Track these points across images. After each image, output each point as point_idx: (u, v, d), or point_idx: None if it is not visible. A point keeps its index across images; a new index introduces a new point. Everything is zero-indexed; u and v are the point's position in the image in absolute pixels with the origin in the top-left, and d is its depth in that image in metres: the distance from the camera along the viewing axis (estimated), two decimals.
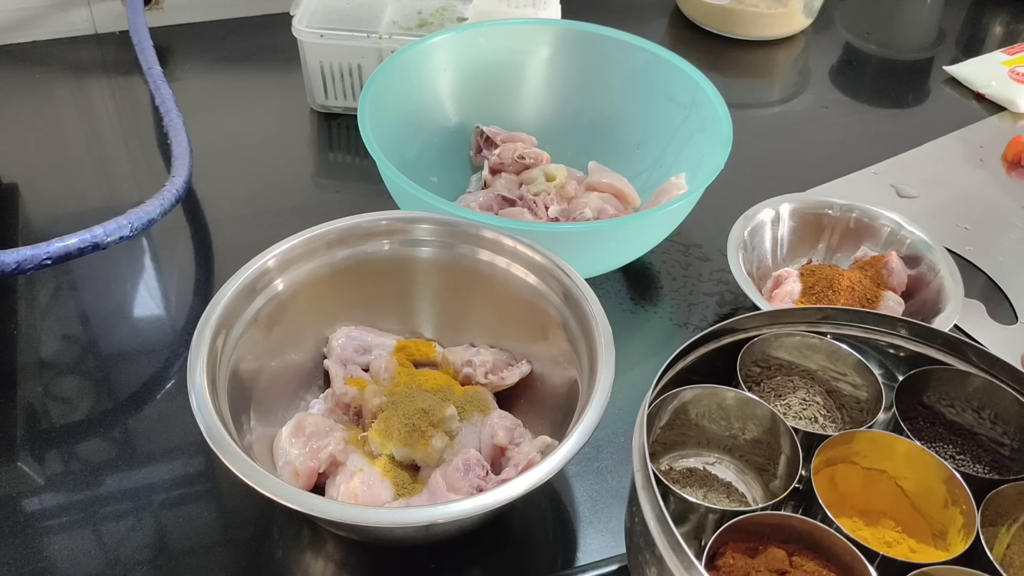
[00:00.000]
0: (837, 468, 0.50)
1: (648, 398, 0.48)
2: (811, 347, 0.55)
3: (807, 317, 0.55)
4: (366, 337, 0.61)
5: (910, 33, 1.16)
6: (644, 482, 0.44)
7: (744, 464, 0.55)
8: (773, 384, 0.56)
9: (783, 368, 0.56)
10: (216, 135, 0.87)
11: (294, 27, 0.84)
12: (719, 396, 0.52)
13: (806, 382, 0.56)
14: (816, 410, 0.55)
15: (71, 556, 0.53)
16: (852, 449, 0.50)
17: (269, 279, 0.57)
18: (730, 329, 0.54)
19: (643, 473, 0.45)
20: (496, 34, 0.79)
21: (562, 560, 0.55)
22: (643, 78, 0.78)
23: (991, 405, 0.52)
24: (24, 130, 0.88)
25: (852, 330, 0.55)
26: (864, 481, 0.50)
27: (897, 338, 0.54)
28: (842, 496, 0.50)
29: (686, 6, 1.09)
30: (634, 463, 0.46)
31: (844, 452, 0.50)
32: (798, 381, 0.56)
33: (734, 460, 0.55)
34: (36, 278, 0.71)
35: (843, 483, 0.50)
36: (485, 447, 0.56)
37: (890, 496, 0.50)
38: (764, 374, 0.56)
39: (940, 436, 0.54)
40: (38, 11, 0.97)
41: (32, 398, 0.62)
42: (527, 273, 0.59)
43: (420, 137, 0.77)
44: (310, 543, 0.55)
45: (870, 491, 0.50)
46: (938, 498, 0.48)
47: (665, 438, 0.54)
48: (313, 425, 0.55)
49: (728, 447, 0.55)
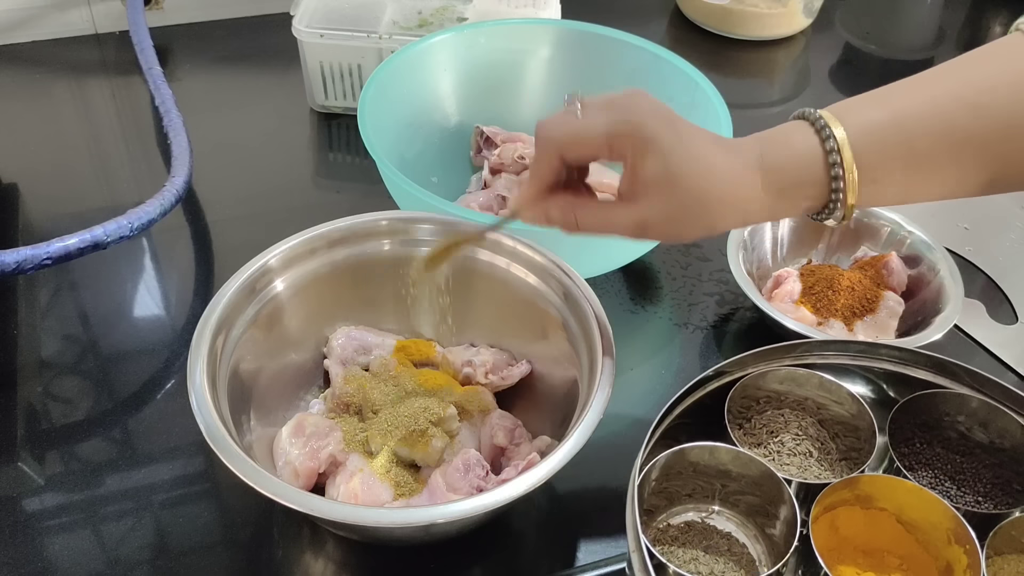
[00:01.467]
0: (838, 512, 0.50)
1: (639, 461, 0.47)
2: (798, 381, 0.54)
3: (791, 352, 0.55)
4: (366, 337, 0.61)
5: (910, 33, 1.16)
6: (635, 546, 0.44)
7: (742, 515, 0.53)
8: (764, 419, 0.55)
9: (772, 401, 0.55)
10: (216, 135, 0.87)
11: (294, 27, 0.84)
12: (712, 452, 0.51)
13: (797, 415, 0.55)
14: (810, 444, 0.54)
15: (71, 556, 0.53)
16: (852, 493, 0.49)
17: (269, 279, 0.57)
18: (717, 374, 0.53)
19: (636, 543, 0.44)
20: (496, 34, 0.79)
21: (562, 560, 0.55)
22: (643, 78, 0.77)
23: (989, 425, 0.51)
24: (24, 130, 0.88)
25: (840, 358, 0.55)
26: (866, 521, 0.50)
27: (885, 362, 0.54)
28: (844, 539, 0.49)
29: (686, 6, 1.09)
30: (629, 543, 0.45)
31: (844, 496, 0.49)
32: (789, 415, 0.55)
33: (732, 511, 0.53)
34: (36, 278, 0.71)
35: (845, 526, 0.50)
36: (485, 447, 0.56)
37: (893, 534, 0.49)
38: (755, 408, 0.56)
39: (938, 457, 0.53)
40: (38, 11, 0.97)
41: (32, 398, 0.62)
42: (527, 273, 0.59)
43: (420, 137, 0.77)
44: (310, 543, 0.55)
45: (872, 531, 0.50)
46: (941, 535, 0.47)
47: (661, 491, 0.53)
48: (313, 425, 0.55)
49: (725, 498, 0.53)
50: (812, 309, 0.66)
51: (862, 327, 0.65)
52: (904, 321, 0.66)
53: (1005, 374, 0.67)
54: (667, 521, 0.53)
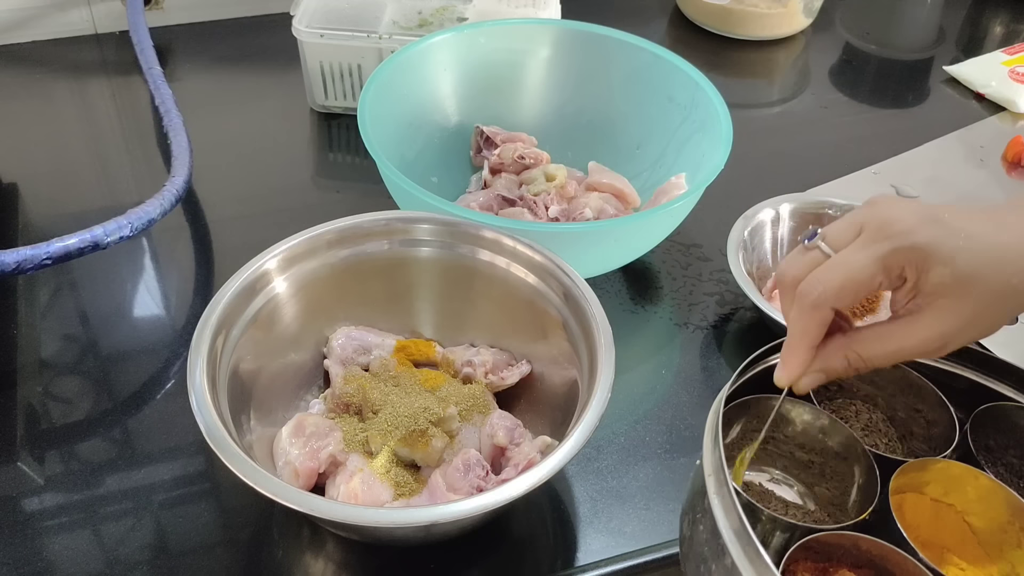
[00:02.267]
0: (905, 497, 0.48)
1: (724, 394, 0.46)
2: (883, 376, 0.52)
3: None
4: (366, 337, 0.61)
5: (910, 33, 1.16)
6: (718, 487, 0.42)
7: (805, 485, 0.52)
8: (835, 406, 0.54)
9: (844, 391, 0.54)
10: (216, 135, 0.87)
11: (294, 27, 0.84)
12: (792, 410, 0.49)
13: (868, 407, 0.54)
14: (878, 438, 0.53)
15: (71, 556, 0.53)
16: (924, 479, 0.47)
17: (269, 279, 0.57)
18: None
19: (717, 478, 0.42)
20: (496, 34, 0.79)
21: (562, 560, 0.55)
22: (643, 78, 0.78)
23: None
24: (24, 130, 0.88)
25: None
26: (932, 514, 0.48)
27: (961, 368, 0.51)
28: (908, 527, 0.47)
29: (686, 6, 1.09)
30: (705, 467, 0.43)
31: (915, 481, 0.47)
32: (860, 406, 0.54)
33: (795, 480, 0.52)
34: (36, 278, 0.71)
35: (911, 513, 0.48)
36: (485, 447, 0.56)
37: (957, 532, 0.48)
38: (824, 395, 0.54)
39: (1002, 478, 0.50)
40: (38, 11, 0.97)
41: (32, 398, 0.62)
42: (527, 273, 0.59)
43: (420, 137, 0.77)
44: (310, 543, 0.55)
45: (937, 525, 0.48)
46: (1010, 537, 0.45)
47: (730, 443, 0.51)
48: (313, 425, 0.55)
49: (789, 465, 0.52)
50: None
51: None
52: None
53: None
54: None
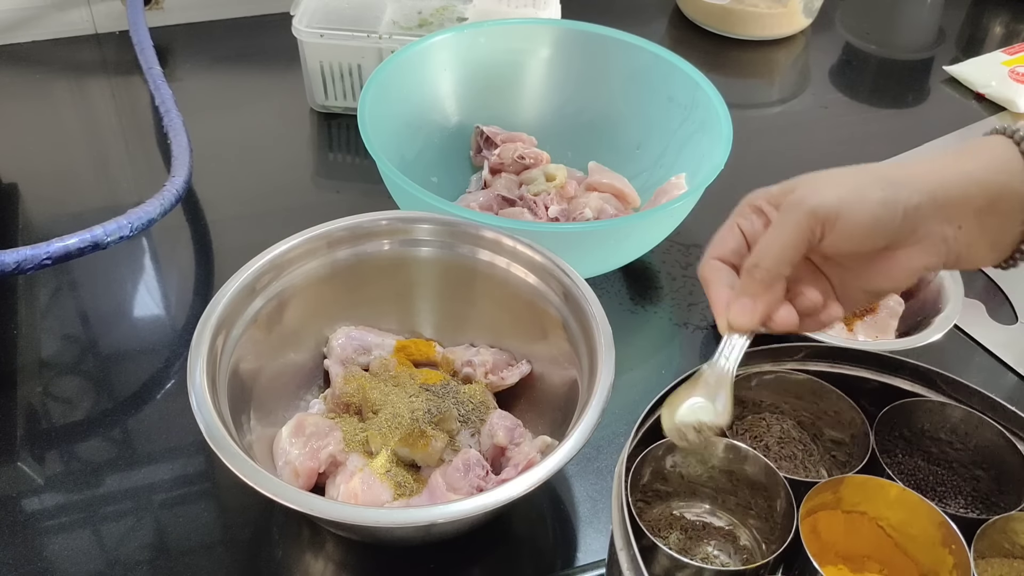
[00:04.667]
0: (819, 516, 0.49)
1: (626, 450, 0.46)
2: (787, 385, 0.53)
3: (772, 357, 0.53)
4: (366, 337, 0.61)
5: (910, 33, 1.16)
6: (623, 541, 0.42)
7: (729, 512, 0.52)
8: (746, 424, 0.54)
9: (751, 406, 0.54)
10: (216, 135, 0.87)
11: (294, 27, 0.84)
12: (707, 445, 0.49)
13: (778, 418, 0.54)
14: (794, 447, 0.53)
15: (71, 556, 0.53)
16: (837, 495, 0.48)
17: (269, 279, 0.57)
18: None
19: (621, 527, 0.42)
20: (496, 34, 0.79)
21: (562, 560, 0.55)
22: (643, 78, 0.78)
23: (970, 436, 0.50)
24: (24, 130, 0.88)
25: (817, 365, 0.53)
26: (846, 526, 0.49)
27: (865, 371, 0.53)
28: (825, 544, 0.49)
29: (686, 6, 1.09)
30: (613, 517, 0.43)
31: (828, 499, 0.48)
32: (770, 418, 0.54)
33: (721, 510, 0.52)
34: (36, 278, 0.71)
35: (826, 530, 0.49)
36: (485, 447, 0.56)
37: (873, 538, 0.49)
38: (736, 415, 0.54)
39: (919, 468, 0.53)
40: (38, 11, 0.97)
41: (32, 398, 0.62)
42: (527, 273, 0.59)
43: (420, 137, 0.77)
44: (310, 543, 0.55)
45: (853, 536, 0.49)
46: (926, 539, 0.46)
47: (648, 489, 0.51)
48: (313, 425, 0.55)
49: (715, 497, 0.52)
50: None
51: (862, 327, 0.65)
52: (904, 321, 0.66)
53: (1005, 374, 0.67)
54: (652, 514, 0.52)
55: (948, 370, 0.51)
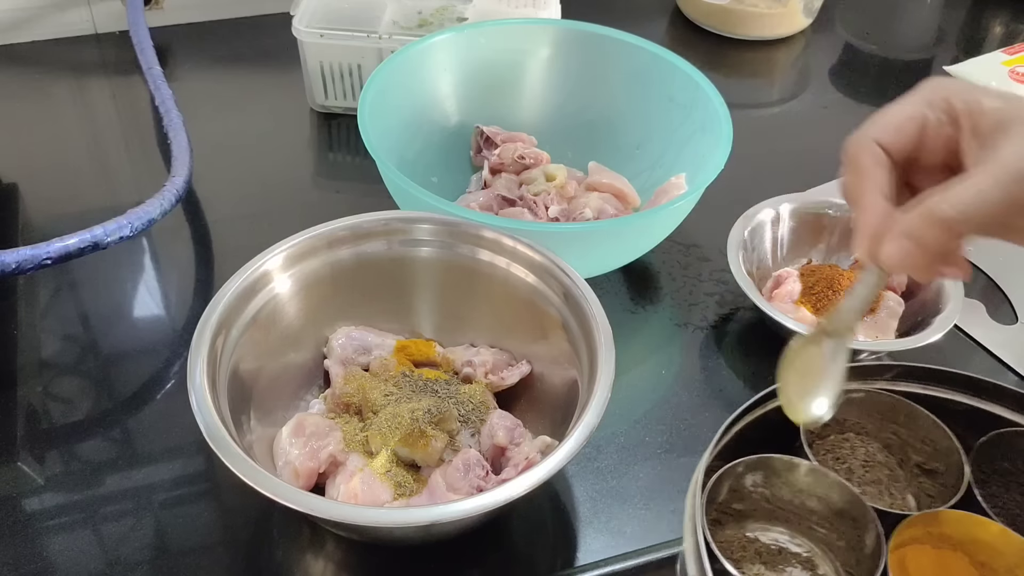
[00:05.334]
0: (907, 550, 0.46)
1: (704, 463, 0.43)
2: (877, 407, 0.50)
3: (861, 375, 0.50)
4: (366, 337, 0.61)
5: (910, 33, 1.16)
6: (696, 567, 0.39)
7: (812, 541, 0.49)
8: (827, 444, 0.51)
9: (834, 425, 0.51)
10: (216, 135, 0.87)
11: (294, 27, 0.84)
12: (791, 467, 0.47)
13: (862, 439, 0.52)
14: (879, 472, 0.51)
15: (71, 556, 0.53)
16: (929, 529, 0.45)
17: (269, 279, 0.57)
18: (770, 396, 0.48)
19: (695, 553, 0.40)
20: (496, 34, 0.79)
21: (562, 560, 0.55)
22: (643, 78, 0.78)
23: None
24: (24, 130, 0.88)
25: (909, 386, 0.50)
26: (937, 563, 0.46)
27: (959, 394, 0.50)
28: None
29: (686, 6, 1.09)
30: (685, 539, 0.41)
31: (919, 532, 0.45)
32: (854, 440, 0.52)
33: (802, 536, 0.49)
34: (36, 278, 0.71)
35: (914, 566, 0.46)
36: (485, 447, 0.56)
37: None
38: (816, 434, 0.52)
39: (1017, 504, 0.49)
40: (38, 11, 0.97)
41: (32, 398, 0.62)
42: (527, 273, 0.59)
43: (420, 137, 0.77)
44: (310, 543, 0.55)
45: (943, 574, 0.46)
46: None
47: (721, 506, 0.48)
48: (313, 425, 0.55)
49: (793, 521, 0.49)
50: (812, 309, 0.66)
51: (862, 327, 0.65)
52: (904, 321, 0.66)
53: (1005, 374, 0.67)
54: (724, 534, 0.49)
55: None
